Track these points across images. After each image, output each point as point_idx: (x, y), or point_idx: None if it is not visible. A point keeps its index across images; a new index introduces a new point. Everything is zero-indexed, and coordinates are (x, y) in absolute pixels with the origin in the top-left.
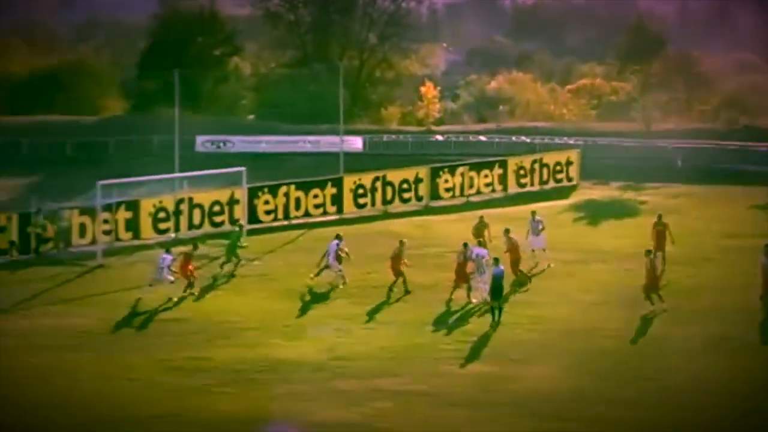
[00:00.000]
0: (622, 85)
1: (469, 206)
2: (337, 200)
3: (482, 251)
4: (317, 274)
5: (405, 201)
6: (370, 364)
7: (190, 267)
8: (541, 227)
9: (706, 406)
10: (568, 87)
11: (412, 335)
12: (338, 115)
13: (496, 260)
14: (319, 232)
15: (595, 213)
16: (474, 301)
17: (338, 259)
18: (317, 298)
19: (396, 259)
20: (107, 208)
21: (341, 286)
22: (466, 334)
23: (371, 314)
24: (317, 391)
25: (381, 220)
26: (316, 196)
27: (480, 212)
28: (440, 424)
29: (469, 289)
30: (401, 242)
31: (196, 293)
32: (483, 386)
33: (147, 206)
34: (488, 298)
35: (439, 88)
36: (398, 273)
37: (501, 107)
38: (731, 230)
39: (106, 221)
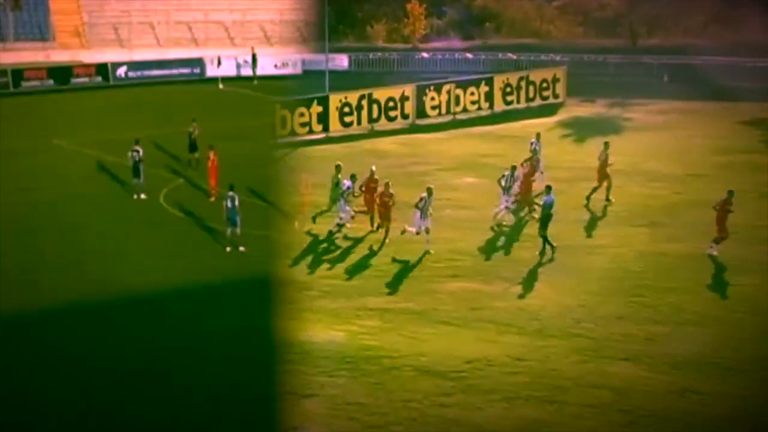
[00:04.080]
0: (609, 1)
1: (455, 124)
2: (323, 119)
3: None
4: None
5: (391, 119)
6: (358, 283)
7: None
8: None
9: (686, 321)
10: (555, 3)
11: (400, 253)
12: (324, 32)
13: (548, 188)
14: (305, 150)
15: (581, 130)
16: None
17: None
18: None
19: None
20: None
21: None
22: (455, 253)
23: (359, 236)
24: (304, 309)
25: (367, 138)
26: (302, 115)
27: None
28: (427, 341)
29: None
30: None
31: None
32: (470, 304)
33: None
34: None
35: (425, 5)
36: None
37: (487, 24)
38: (719, 146)
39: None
